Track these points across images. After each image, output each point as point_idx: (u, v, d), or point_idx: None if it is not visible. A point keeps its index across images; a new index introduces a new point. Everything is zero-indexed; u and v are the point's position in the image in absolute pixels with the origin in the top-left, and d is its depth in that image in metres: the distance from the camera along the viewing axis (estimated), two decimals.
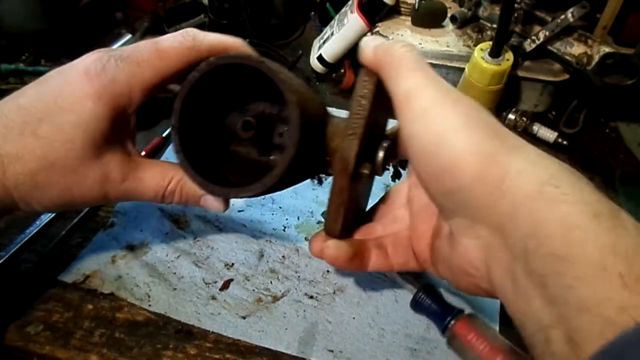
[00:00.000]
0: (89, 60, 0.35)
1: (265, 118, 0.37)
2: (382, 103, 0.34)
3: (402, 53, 0.32)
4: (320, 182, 0.42)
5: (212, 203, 0.39)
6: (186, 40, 0.37)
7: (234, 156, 0.39)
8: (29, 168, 0.34)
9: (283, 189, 0.38)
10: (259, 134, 0.36)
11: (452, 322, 0.41)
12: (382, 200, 0.41)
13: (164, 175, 0.38)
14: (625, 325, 0.20)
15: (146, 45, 0.37)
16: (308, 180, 0.42)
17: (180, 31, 0.38)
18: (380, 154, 0.37)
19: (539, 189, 0.25)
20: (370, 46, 0.33)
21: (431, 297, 0.44)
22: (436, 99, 0.29)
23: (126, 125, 0.37)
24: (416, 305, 0.44)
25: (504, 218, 0.26)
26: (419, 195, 0.36)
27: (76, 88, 0.34)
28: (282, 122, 0.39)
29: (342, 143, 0.35)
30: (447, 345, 0.42)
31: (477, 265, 0.29)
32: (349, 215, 0.38)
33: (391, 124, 0.39)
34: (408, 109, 0.30)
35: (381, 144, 0.37)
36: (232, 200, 0.50)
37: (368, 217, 0.41)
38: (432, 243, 0.35)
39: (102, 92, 0.34)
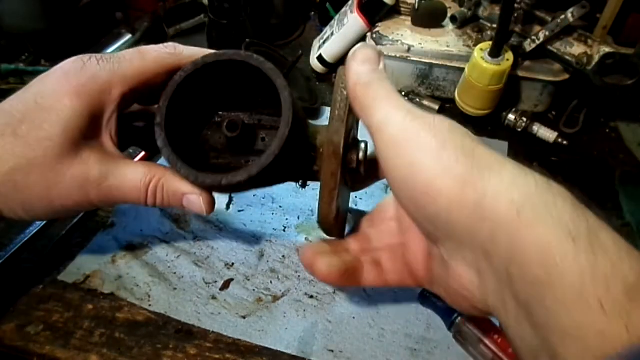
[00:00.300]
0: (70, 61, 0.36)
1: (246, 125, 0.38)
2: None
3: (370, 81, 0.31)
4: (304, 186, 0.42)
5: (195, 203, 0.38)
6: (167, 47, 0.39)
7: (216, 168, 0.39)
8: (8, 167, 0.34)
9: (273, 181, 0.38)
10: (242, 137, 0.36)
11: (460, 317, 0.41)
12: (377, 209, 0.41)
13: (145, 173, 0.38)
14: (604, 351, 0.20)
15: (129, 50, 0.38)
16: None
17: (164, 44, 0.39)
18: (361, 153, 0.38)
19: (516, 212, 0.24)
20: (351, 75, 0.33)
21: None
22: (406, 126, 0.29)
23: (107, 123, 0.37)
24: (423, 299, 0.44)
25: (486, 243, 0.26)
26: (404, 215, 0.35)
27: (55, 87, 0.35)
28: (263, 128, 0.39)
29: (329, 130, 0.35)
30: (454, 340, 0.43)
31: (470, 289, 0.29)
32: (340, 206, 0.38)
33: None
34: (380, 138, 0.30)
35: (359, 145, 0.38)
36: (221, 203, 0.50)
37: (361, 225, 0.41)
38: (426, 262, 0.34)
39: (81, 89, 0.35)
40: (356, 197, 0.56)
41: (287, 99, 0.34)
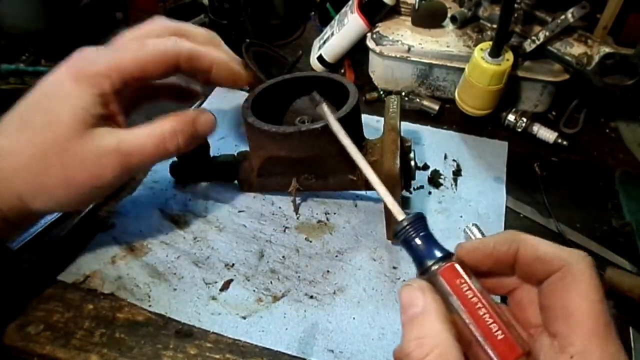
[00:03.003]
0: (74, 53, 0.40)
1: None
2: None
3: None
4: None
5: (204, 119, 0.44)
6: (168, 42, 0.41)
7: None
8: (25, 157, 0.36)
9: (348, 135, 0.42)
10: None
11: (442, 263, 0.29)
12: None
13: (155, 125, 0.41)
14: None
15: (130, 39, 0.42)
16: None
17: (166, 37, 0.42)
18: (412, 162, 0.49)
19: None
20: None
21: (420, 229, 0.31)
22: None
23: (112, 103, 0.39)
24: (398, 235, 0.31)
25: None
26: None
27: (58, 76, 0.38)
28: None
29: (386, 118, 0.49)
30: None
31: None
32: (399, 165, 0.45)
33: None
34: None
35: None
36: (233, 202, 0.51)
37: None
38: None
39: (81, 73, 0.38)
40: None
41: (350, 84, 0.49)
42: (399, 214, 0.31)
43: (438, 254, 0.29)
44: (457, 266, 0.28)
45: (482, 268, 0.30)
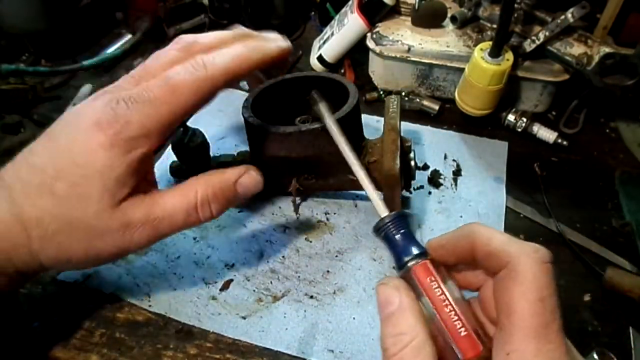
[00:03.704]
0: (98, 107, 0.33)
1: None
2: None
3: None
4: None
5: (247, 180, 0.39)
6: (198, 71, 0.35)
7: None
8: (50, 230, 0.33)
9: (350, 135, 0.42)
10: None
11: (417, 261, 0.30)
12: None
13: (187, 191, 0.36)
14: None
15: (157, 83, 0.34)
16: None
17: (190, 60, 0.35)
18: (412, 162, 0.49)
19: None
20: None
21: (401, 227, 0.32)
22: None
23: (145, 166, 0.35)
24: (379, 231, 0.33)
25: None
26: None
27: (88, 141, 0.33)
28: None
29: (387, 118, 0.49)
30: None
31: None
32: (399, 165, 0.46)
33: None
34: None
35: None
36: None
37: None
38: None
39: (115, 139, 0.33)
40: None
41: (350, 84, 0.49)
42: (382, 211, 0.32)
43: (415, 251, 0.30)
44: (429, 264, 0.30)
45: (449, 263, 0.31)
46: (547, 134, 0.64)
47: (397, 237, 0.31)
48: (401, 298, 0.28)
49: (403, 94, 0.69)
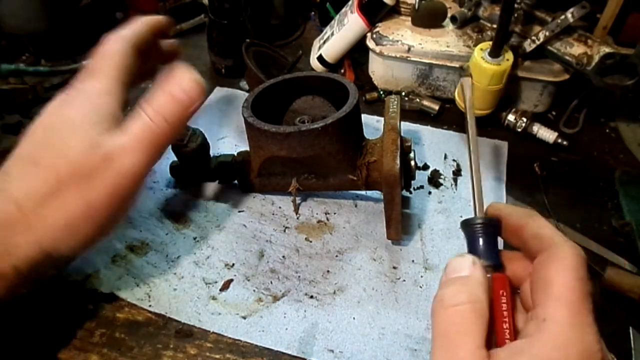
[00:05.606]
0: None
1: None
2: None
3: None
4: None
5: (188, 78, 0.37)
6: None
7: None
8: (41, 194, 0.34)
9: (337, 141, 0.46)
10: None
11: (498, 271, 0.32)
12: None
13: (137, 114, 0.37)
14: None
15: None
16: None
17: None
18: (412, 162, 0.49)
19: None
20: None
21: (490, 233, 0.33)
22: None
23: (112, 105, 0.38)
24: (467, 227, 0.34)
25: None
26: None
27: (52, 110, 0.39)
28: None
29: (387, 117, 0.48)
30: None
31: None
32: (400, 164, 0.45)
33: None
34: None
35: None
36: (233, 202, 0.51)
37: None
38: None
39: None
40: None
41: (350, 84, 0.49)
42: (480, 211, 0.34)
43: (494, 259, 0.32)
44: (507, 280, 0.31)
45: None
46: (547, 134, 0.64)
47: (485, 238, 0.32)
48: (476, 270, 0.29)
49: (403, 94, 0.69)
